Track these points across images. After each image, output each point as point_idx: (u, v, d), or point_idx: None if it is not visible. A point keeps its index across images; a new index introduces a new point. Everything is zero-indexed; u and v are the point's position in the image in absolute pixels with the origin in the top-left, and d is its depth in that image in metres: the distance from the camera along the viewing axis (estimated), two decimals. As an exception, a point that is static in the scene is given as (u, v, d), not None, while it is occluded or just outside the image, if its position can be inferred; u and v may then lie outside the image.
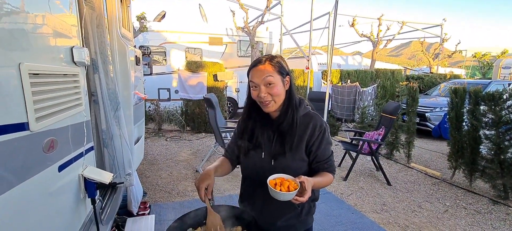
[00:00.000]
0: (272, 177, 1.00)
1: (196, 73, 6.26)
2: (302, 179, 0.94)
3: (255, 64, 1.06)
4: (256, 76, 1.04)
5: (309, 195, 0.94)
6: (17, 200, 0.74)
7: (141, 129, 2.97)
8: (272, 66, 1.04)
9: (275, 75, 1.04)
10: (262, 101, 1.05)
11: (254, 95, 1.07)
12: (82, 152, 1.21)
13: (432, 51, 13.23)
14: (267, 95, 1.04)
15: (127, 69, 2.09)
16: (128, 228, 2.20)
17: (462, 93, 3.67)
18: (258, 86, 1.04)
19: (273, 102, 1.06)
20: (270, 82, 1.03)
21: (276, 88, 1.04)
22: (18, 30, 0.77)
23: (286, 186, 0.96)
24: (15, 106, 0.73)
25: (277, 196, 0.94)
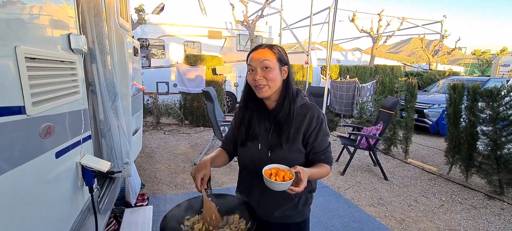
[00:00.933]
0: (267, 167, 1.00)
1: (195, 66, 6.24)
2: (298, 169, 0.94)
3: (255, 49, 1.07)
4: (254, 59, 1.04)
5: (305, 185, 0.94)
6: (15, 183, 0.74)
7: (139, 120, 2.97)
8: (271, 52, 1.05)
9: (273, 61, 1.04)
10: (257, 84, 1.04)
11: (250, 79, 1.07)
12: (80, 140, 1.21)
13: (432, 48, 13.21)
14: (262, 79, 1.03)
15: (125, 60, 2.08)
16: (126, 219, 2.21)
17: (460, 90, 3.68)
18: (254, 70, 1.04)
19: (267, 88, 1.05)
20: (266, 66, 1.03)
21: (272, 73, 1.04)
22: (14, 14, 0.76)
23: (281, 176, 0.96)
24: (11, 89, 0.72)
25: (272, 186, 0.93)
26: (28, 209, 0.82)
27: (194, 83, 6.25)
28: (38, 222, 0.88)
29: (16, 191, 0.75)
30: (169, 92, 6.70)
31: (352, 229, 2.57)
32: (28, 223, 0.82)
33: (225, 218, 1.07)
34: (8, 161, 0.71)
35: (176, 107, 6.62)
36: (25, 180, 0.79)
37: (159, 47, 7.86)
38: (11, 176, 0.71)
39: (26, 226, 0.81)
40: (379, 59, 12.58)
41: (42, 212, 0.90)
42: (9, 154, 0.71)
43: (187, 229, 1.02)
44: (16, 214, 0.76)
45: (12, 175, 0.72)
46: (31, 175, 0.83)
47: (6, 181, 0.70)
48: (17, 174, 0.75)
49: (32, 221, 0.84)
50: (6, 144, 0.70)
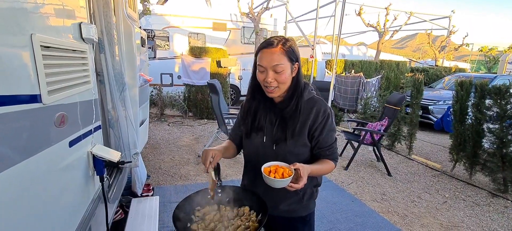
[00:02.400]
0: (267, 164, 1.00)
1: (199, 58, 6.22)
2: (297, 166, 0.94)
3: (266, 46, 1.01)
4: (265, 60, 1.00)
5: (305, 182, 0.93)
6: (31, 172, 0.75)
7: (145, 111, 2.98)
8: (284, 52, 1.00)
9: (285, 62, 1.00)
10: (268, 86, 1.02)
11: (260, 78, 1.04)
12: (91, 130, 1.22)
13: (438, 43, 13.03)
14: (274, 82, 1.01)
15: (133, 50, 2.08)
16: (133, 208, 2.24)
17: (468, 86, 3.64)
18: (265, 71, 1.01)
19: (278, 89, 1.04)
20: (278, 70, 1.00)
21: (284, 75, 1.01)
22: (29, 2, 0.76)
23: (280, 173, 0.96)
24: (28, 77, 0.73)
25: (271, 183, 0.93)
26: (43, 197, 0.83)
27: (199, 76, 6.24)
28: (53, 210, 0.89)
29: (33, 179, 0.76)
30: (173, 84, 6.69)
31: (355, 223, 2.59)
32: (44, 210, 0.83)
33: (235, 210, 1.08)
34: (25, 149, 0.72)
35: (180, 99, 6.63)
36: (41, 169, 0.80)
37: (164, 39, 7.83)
38: (27, 164, 0.72)
39: (42, 213, 0.82)
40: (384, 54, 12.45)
41: (56, 201, 0.92)
42: (26, 142, 0.72)
43: (198, 220, 1.04)
44: (33, 202, 0.77)
45: (29, 164, 0.73)
46: (47, 164, 0.84)
47: (23, 169, 0.71)
48: (34, 163, 0.76)
49: (47, 209, 0.85)
50: (23, 132, 0.71)
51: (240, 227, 0.98)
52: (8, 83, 0.65)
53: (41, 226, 0.81)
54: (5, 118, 0.63)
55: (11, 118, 0.66)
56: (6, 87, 0.64)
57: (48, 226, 0.85)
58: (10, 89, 0.65)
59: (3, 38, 0.65)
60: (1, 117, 0.62)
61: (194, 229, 0.99)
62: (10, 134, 0.66)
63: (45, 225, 0.84)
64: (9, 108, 0.64)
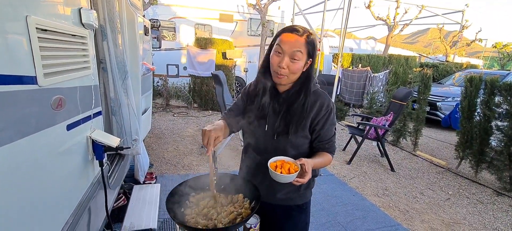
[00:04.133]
0: (273, 159, 1.01)
1: (205, 50, 6.21)
2: (303, 161, 0.95)
3: (291, 30, 1.00)
4: (287, 44, 0.98)
5: (309, 177, 0.95)
6: (28, 151, 0.77)
7: (148, 100, 3.01)
8: (306, 43, 0.99)
9: (304, 54, 1.00)
10: (279, 71, 1.01)
11: (273, 61, 1.02)
12: (90, 115, 1.24)
13: (450, 39, 12.66)
14: (286, 69, 1.00)
15: (136, 39, 2.09)
16: (135, 195, 2.29)
17: (477, 83, 3.54)
18: (282, 54, 1.00)
19: (286, 78, 1.03)
20: (295, 58, 0.99)
21: (297, 65, 1.00)
22: (25, -16, 0.77)
23: (287, 168, 0.97)
24: (22, 58, 0.74)
25: (278, 179, 0.95)
26: (40, 176, 0.85)
27: (204, 67, 6.25)
28: (50, 189, 0.92)
29: (30, 158, 0.79)
30: (179, 75, 6.73)
31: (355, 217, 2.59)
32: (41, 188, 0.86)
33: (229, 197, 1.09)
34: (21, 128, 0.74)
35: (185, 90, 6.67)
36: (38, 149, 0.83)
37: (170, 29, 7.84)
38: (24, 143, 0.74)
39: (39, 192, 0.85)
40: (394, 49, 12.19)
41: (54, 181, 0.94)
42: (22, 122, 0.74)
43: (192, 206, 1.05)
44: (30, 181, 0.80)
45: (26, 142, 0.75)
46: (44, 145, 0.86)
47: (20, 147, 0.73)
48: (31, 142, 0.78)
49: (44, 189, 0.88)
50: (19, 112, 0.73)
51: (233, 213, 0.99)
52: (3, 63, 0.67)
53: (38, 203, 0.84)
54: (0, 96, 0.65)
55: (6, 97, 0.67)
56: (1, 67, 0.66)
57: (45, 203, 0.88)
58: (4, 69, 0.67)
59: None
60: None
61: (188, 214, 1.00)
62: (6, 112, 0.68)
63: (42, 202, 0.86)
64: (3, 87, 0.66)
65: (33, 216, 0.81)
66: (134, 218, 1.93)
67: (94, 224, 1.35)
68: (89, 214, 1.25)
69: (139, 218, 1.93)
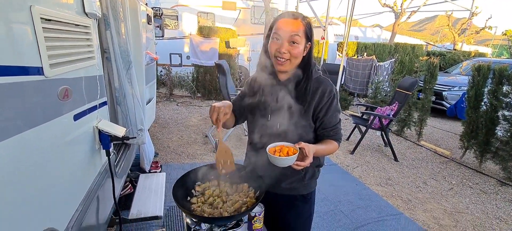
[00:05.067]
0: (272, 145, 1.00)
1: (208, 38, 6.16)
2: (302, 145, 0.94)
3: (286, 16, 1.01)
4: (284, 29, 0.99)
5: (310, 161, 0.94)
6: (37, 141, 0.79)
7: (152, 90, 3.02)
8: (303, 26, 1.00)
9: (302, 37, 1.00)
10: (279, 57, 1.01)
11: (272, 48, 1.03)
12: (96, 105, 1.25)
13: (459, 26, 12.35)
14: (286, 53, 1.00)
15: (139, 28, 2.07)
16: (141, 183, 2.33)
17: (485, 72, 3.48)
18: (281, 40, 1.00)
19: (288, 62, 1.02)
20: (294, 41, 0.99)
21: (298, 49, 1.00)
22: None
23: (285, 152, 0.96)
24: (28, 49, 0.74)
25: (276, 162, 0.94)
26: (50, 166, 0.87)
27: (207, 56, 6.21)
28: (60, 178, 0.94)
29: (39, 148, 0.80)
30: (182, 64, 6.69)
31: (357, 206, 2.62)
32: (51, 178, 0.88)
33: (234, 186, 1.11)
34: (30, 118, 0.75)
35: (189, 80, 6.66)
36: (46, 139, 0.84)
37: (173, 18, 7.75)
38: (33, 133, 0.76)
39: (50, 181, 0.87)
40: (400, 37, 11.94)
41: (63, 170, 0.96)
42: (30, 112, 0.75)
43: (198, 195, 1.07)
44: (40, 170, 0.82)
45: (35, 133, 0.76)
46: (52, 135, 0.87)
47: (29, 137, 0.74)
48: (39, 132, 0.79)
49: (54, 177, 0.90)
50: (27, 103, 0.74)
51: (238, 202, 1.00)
52: (10, 55, 0.67)
53: (48, 192, 0.86)
54: (8, 87, 0.66)
55: (14, 88, 0.68)
56: (8, 58, 0.66)
57: (55, 192, 0.90)
58: (12, 60, 0.67)
59: (2, 9, 0.66)
60: (4, 86, 0.64)
61: (194, 203, 1.02)
62: (15, 103, 0.69)
63: (52, 191, 0.88)
64: (12, 78, 0.66)
65: (45, 205, 0.83)
66: (141, 205, 1.97)
67: (103, 211, 1.38)
68: (98, 202, 1.28)
69: (146, 206, 1.97)
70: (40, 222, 0.81)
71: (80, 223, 1.03)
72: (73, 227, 0.97)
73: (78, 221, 1.02)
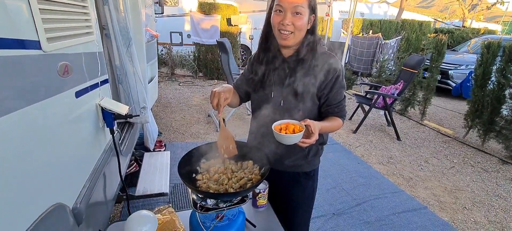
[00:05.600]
0: (277, 122, 0.98)
1: (209, 15, 5.99)
2: (308, 122, 0.92)
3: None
4: (286, 0, 0.95)
5: (316, 138, 0.92)
6: (39, 118, 0.78)
7: (154, 68, 2.98)
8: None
9: (305, 7, 0.96)
10: (283, 30, 0.97)
11: (275, 21, 0.99)
12: (98, 83, 1.23)
13: (470, 1, 11.88)
14: (290, 25, 0.96)
15: (138, 3, 2.00)
16: (146, 162, 2.37)
17: (495, 49, 3.38)
18: (284, 12, 0.96)
19: (293, 36, 0.99)
20: (298, 12, 0.95)
21: (302, 20, 0.96)
22: None
23: (291, 129, 0.94)
24: (24, 21, 0.72)
25: (282, 140, 0.92)
26: (55, 143, 0.87)
27: (208, 34, 6.07)
28: (66, 155, 0.94)
29: (41, 125, 0.79)
30: (183, 43, 6.56)
31: (359, 183, 2.65)
32: (57, 155, 0.88)
33: (239, 164, 1.11)
34: (30, 94, 0.73)
35: (190, 59, 6.56)
36: (49, 115, 0.83)
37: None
38: (33, 109, 0.74)
39: (56, 158, 0.87)
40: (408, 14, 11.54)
41: (68, 148, 0.97)
42: (30, 88, 0.73)
43: (203, 172, 1.07)
44: (44, 147, 0.81)
45: (35, 109, 0.75)
46: (55, 111, 0.86)
47: (30, 113, 0.73)
48: (41, 108, 0.78)
49: (60, 154, 0.90)
50: (25, 77, 0.72)
51: (243, 179, 1.01)
52: (5, 27, 0.64)
53: (54, 168, 0.86)
54: (6, 60, 0.63)
55: (11, 62, 0.66)
56: (3, 31, 0.63)
57: (62, 169, 0.91)
58: (7, 33, 0.65)
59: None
60: (2, 59, 0.62)
61: (199, 179, 1.03)
62: (12, 77, 0.67)
63: (59, 168, 0.89)
64: (8, 51, 0.64)
65: (52, 181, 0.84)
66: (147, 183, 2.01)
67: (110, 188, 1.41)
68: (105, 179, 1.30)
69: (152, 183, 2.01)
70: (49, 198, 0.82)
71: (88, 199, 1.05)
72: (82, 202, 0.99)
73: (86, 197, 1.03)
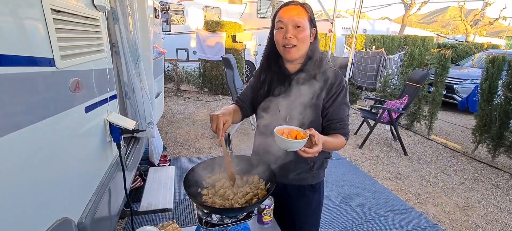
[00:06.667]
0: (280, 127, 0.94)
1: (214, 33, 6.14)
2: (313, 132, 0.89)
3: (286, 4, 1.01)
4: (286, 15, 0.99)
5: (319, 149, 0.89)
6: (50, 131, 0.80)
7: (160, 84, 3.03)
8: (304, 10, 1.00)
9: (305, 20, 0.99)
10: (287, 43, 1.00)
11: (278, 38, 1.02)
12: (107, 98, 1.26)
13: (472, 17, 11.98)
14: (293, 38, 0.99)
15: (146, 22, 2.07)
16: (151, 176, 2.36)
17: (500, 63, 3.37)
18: (285, 27, 0.99)
19: (296, 49, 1.01)
20: (299, 25, 0.98)
21: (304, 33, 0.99)
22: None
23: (294, 135, 0.91)
24: (40, 40, 0.75)
25: (284, 145, 0.87)
26: (64, 157, 0.88)
27: (214, 51, 6.20)
28: (73, 170, 0.95)
29: (52, 140, 0.81)
30: (188, 59, 6.71)
31: (367, 200, 2.59)
32: (64, 169, 0.89)
33: (245, 178, 1.10)
34: (42, 109, 0.75)
35: (196, 75, 6.68)
36: (59, 130, 0.85)
37: (179, 13, 7.75)
38: (45, 124, 0.76)
39: (62, 173, 0.88)
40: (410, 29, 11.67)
41: (76, 162, 0.98)
42: (42, 103, 0.76)
43: (208, 186, 1.07)
44: (53, 161, 0.83)
45: (47, 123, 0.77)
46: (65, 126, 0.88)
47: (41, 129, 0.75)
48: (52, 123, 0.80)
49: (68, 169, 0.91)
50: (38, 93, 0.74)
51: (249, 194, 1.00)
52: (23, 45, 0.67)
53: (62, 183, 0.87)
54: (22, 77, 0.66)
55: (26, 78, 0.68)
56: (21, 49, 0.66)
57: (69, 183, 0.92)
58: (25, 51, 0.68)
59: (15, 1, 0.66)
60: (18, 76, 0.65)
61: (204, 194, 1.02)
62: (28, 93, 0.69)
63: (66, 182, 0.90)
64: (24, 68, 0.67)
65: (59, 195, 0.85)
66: (151, 198, 2.00)
67: (115, 203, 1.40)
68: (110, 193, 1.30)
69: (156, 198, 1.99)
70: (56, 212, 0.82)
71: (93, 213, 1.05)
72: (87, 217, 0.99)
73: (91, 212, 1.03)
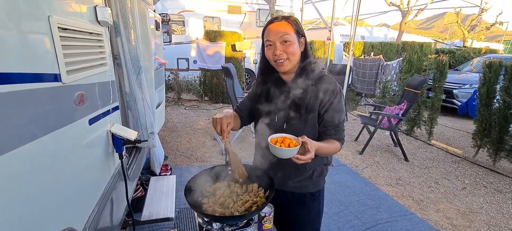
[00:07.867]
0: (274, 135, 1.00)
1: (214, 42, 6.23)
2: (305, 139, 0.93)
3: (270, 22, 1.05)
4: (272, 34, 1.03)
5: (312, 156, 0.92)
6: (55, 145, 0.82)
7: (161, 94, 3.08)
8: (289, 25, 1.03)
9: (292, 34, 1.02)
10: (277, 59, 1.04)
11: (269, 55, 1.06)
12: (109, 110, 1.29)
13: (469, 22, 12.10)
14: (283, 53, 1.03)
15: (148, 34, 2.13)
16: (152, 186, 2.37)
17: (497, 68, 3.40)
18: (273, 44, 1.03)
19: (288, 61, 1.04)
20: (286, 40, 1.02)
21: (292, 46, 1.03)
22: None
23: (287, 143, 0.95)
24: (47, 57, 0.79)
25: (277, 153, 0.92)
26: (68, 169, 0.91)
27: (214, 60, 6.28)
28: (77, 181, 0.97)
29: (57, 152, 0.84)
30: (189, 69, 6.78)
31: (368, 206, 2.59)
32: (68, 181, 0.91)
33: (244, 187, 1.12)
34: (49, 123, 0.78)
35: (196, 84, 6.74)
36: (64, 143, 0.88)
37: (179, 23, 7.87)
38: (52, 137, 0.79)
39: (67, 184, 0.90)
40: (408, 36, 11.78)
41: (79, 173, 1.00)
42: (49, 117, 0.79)
43: (209, 195, 1.09)
44: (58, 173, 0.85)
45: (53, 137, 0.80)
46: (69, 138, 0.91)
47: (47, 142, 0.78)
48: (57, 136, 0.83)
49: (71, 180, 0.93)
50: (46, 108, 0.77)
51: (248, 202, 1.02)
52: (31, 63, 0.71)
53: (66, 194, 0.89)
54: (29, 94, 0.69)
55: (35, 94, 0.72)
56: (29, 66, 0.70)
57: (73, 194, 0.94)
58: (33, 68, 0.71)
59: (24, 20, 0.70)
60: (27, 93, 0.68)
61: (205, 203, 1.04)
62: (35, 109, 0.72)
63: (70, 193, 0.92)
64: (32, 85, 0.70)
65: (64, 206, 0.87)
66: (153, 207, 2.01)
67: (117, 213, 1.42)
68: (112, 203, 1.31)
69: (157, 208, 2.00)
70: (61, 223, 0.84)
71: (96, 224, 1.06)
72: (90, 227, 1.01)
73: (94, 222, 1.05)
